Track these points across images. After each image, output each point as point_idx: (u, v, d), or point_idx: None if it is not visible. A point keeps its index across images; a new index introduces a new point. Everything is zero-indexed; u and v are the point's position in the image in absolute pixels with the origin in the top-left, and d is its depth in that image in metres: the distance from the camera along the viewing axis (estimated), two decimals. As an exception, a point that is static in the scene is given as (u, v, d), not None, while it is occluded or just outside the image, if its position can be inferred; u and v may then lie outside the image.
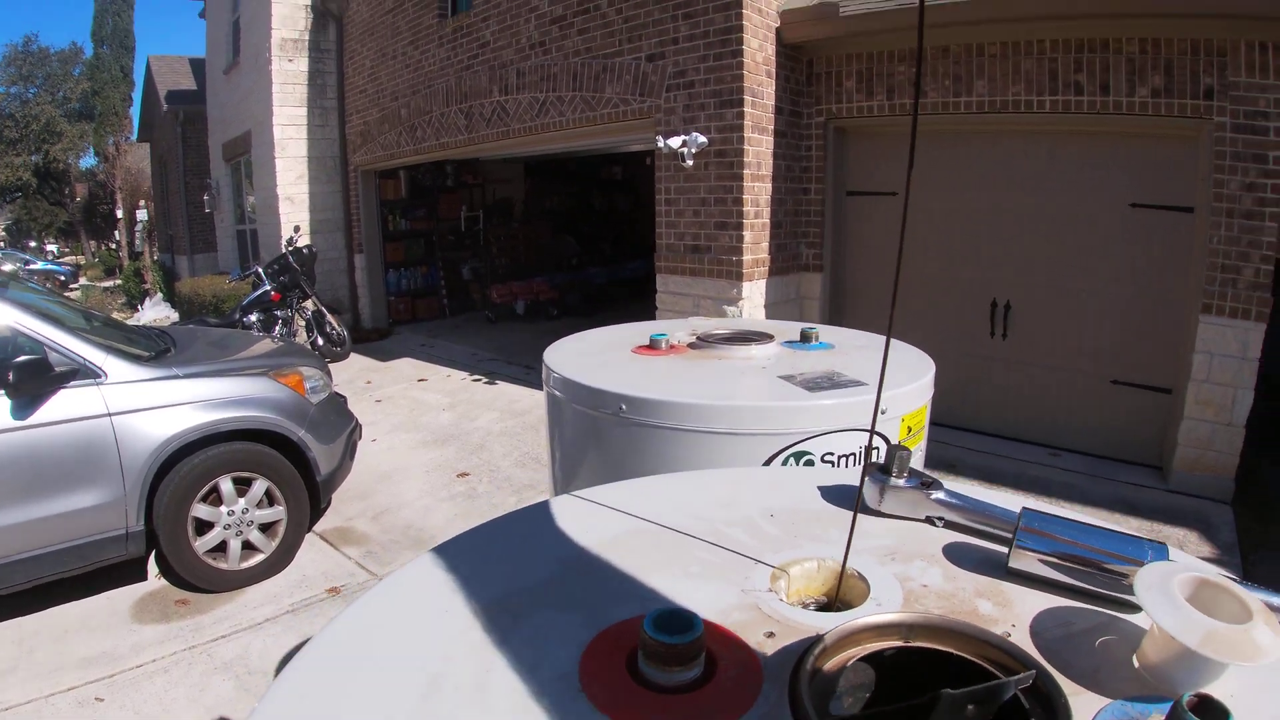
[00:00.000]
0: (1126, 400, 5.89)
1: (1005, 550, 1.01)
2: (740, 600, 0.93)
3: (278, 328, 8.89)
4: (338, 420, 4.66)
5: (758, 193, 6.27)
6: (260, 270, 9.10)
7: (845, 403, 1.68)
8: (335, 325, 9.25)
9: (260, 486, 4.12)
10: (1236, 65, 5.15)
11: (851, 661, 0.82)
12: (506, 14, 7.87)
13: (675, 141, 6.18)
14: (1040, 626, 0.89)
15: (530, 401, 7.20)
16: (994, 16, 5.69)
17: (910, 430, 1.84)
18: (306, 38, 11.06)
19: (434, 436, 6.29)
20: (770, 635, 0.86)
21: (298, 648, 3.37)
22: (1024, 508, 1.02)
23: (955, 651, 0.83)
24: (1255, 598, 0.79)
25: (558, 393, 2.06)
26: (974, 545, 1.09)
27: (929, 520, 1.14)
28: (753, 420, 1.69)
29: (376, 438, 6.21)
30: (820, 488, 1.27)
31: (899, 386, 1.84)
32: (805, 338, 2.39)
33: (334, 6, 11.00)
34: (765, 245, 6.44)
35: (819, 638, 0.80)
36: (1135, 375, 5.84)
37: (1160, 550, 0.92)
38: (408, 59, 9.60)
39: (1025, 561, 0.98)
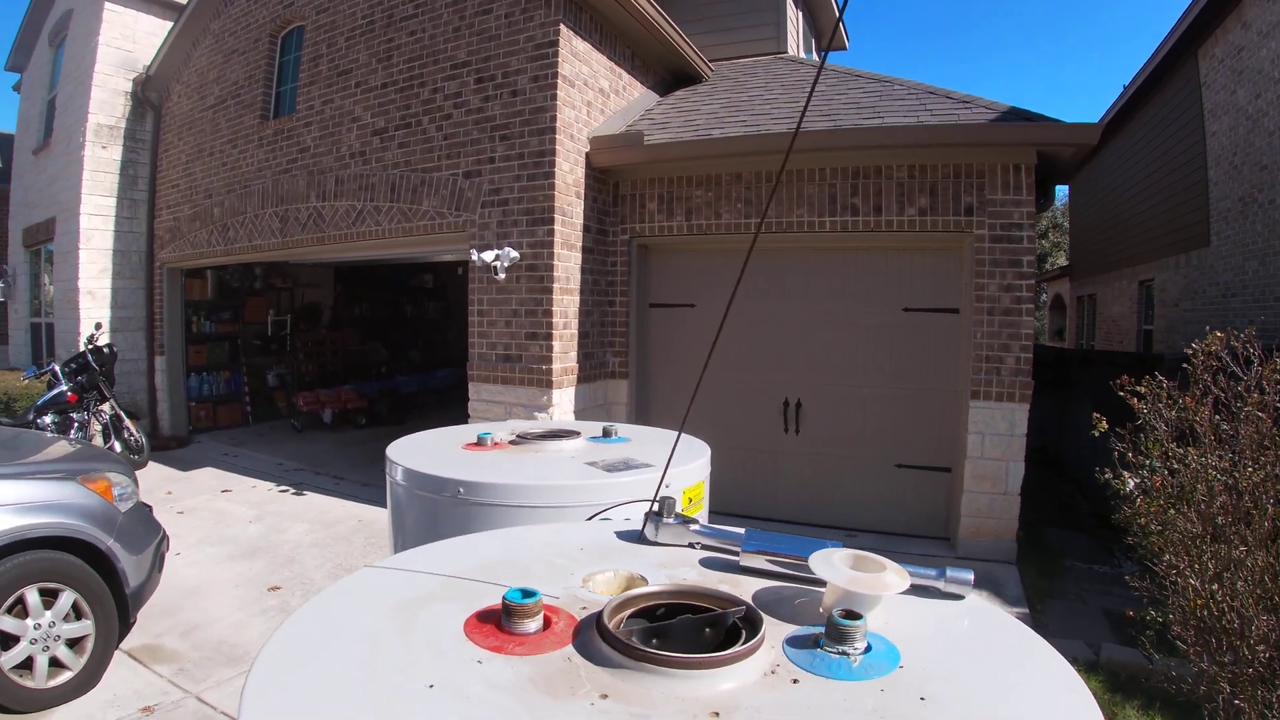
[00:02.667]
0: (912, 481, 6.86)
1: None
2: (564, 593, 1.45)
3: (73, 431, 8.59)
4: (146, 530, 4.64)
5: (566, 305, 6.95)
6: (57, 369, 8.81)
7: (637, 479, 2.21)
8: (134, 431, 9.04)
9: (68, 598, 4.07)
10: (993, 185, 6.34)
11: (631, 611, 1.35)
12: (329, 121, 8.37)
13: (489, 255, 6.85)
14: (760, 596, 1.45)
15: (341, 512, 7.41)
16: (779, 149, 6.73)
17: (690, 500, 2.40)
18: (123, 125, 11.08)
19: (242, 550, 6.35)
20: (584, 609, 1.38)
21: None
22: (747, 529, 1.64)
23: (699, 603, 1.37)
24: (892, 564, 1.40)
25: (402, 482, 2.56)
26: (721, 558, 1.67)
27: (690, 545, 1.73)
28: (565, 496, 2.25)
29: (181, 551, 6.18)
30: (616, 532, 1.85)
31: (678, 466, 2.41)
32: (606, 433, 3.09)
33: (154, 96, 11.13)
34: (574, 354, 7.09)
35: (612, 599, 1.33)
36: (918, 458, 6.84)
37: (837, 544, 1.49)
38: (225, 157, 9.85)
39: (751, 560, 1.57)
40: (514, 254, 6.79)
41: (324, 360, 12.90)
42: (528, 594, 1.27)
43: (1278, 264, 9.50)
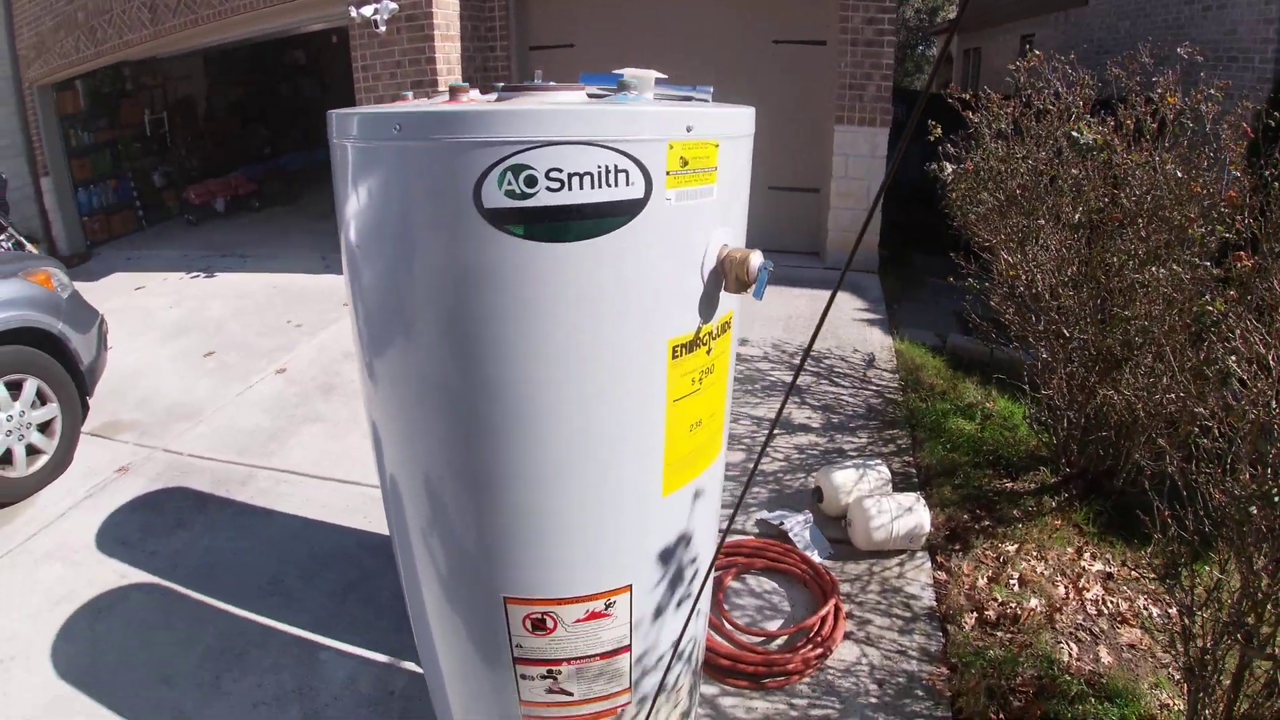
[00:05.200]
0: (785, 202, 7.58)
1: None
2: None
3: (-24, 262, 8.72)
4: (87, 313, 4.98)
5: (448, 52, 7.18)
6: (-51, 208, 8.75)
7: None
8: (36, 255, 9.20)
9: (31, 386, 4.40)
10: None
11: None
12: (192, -107, 8.00)
13: (367, 10, 6.83)
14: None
15: (255, 284, 7.88)
16: None
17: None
18: (-37, -52, 10.26)
19: (169, 332, 6.78)
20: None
21: (111, 517, 4.13)
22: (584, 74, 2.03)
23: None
24: (656, 72, 1.83)
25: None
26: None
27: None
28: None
29: (114, 345, 6.42)
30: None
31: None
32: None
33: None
34: (460, 102, 7.37)
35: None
36: (789, 181, 7.53)
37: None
38: (79, -45, 9.29)
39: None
40: (392, 5, 6.82)
41: (207, 152, 12.76)
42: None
43: (1147, 24, 10.10)
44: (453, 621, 1.77)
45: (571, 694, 1.77)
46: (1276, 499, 2.13)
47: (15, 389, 4.35)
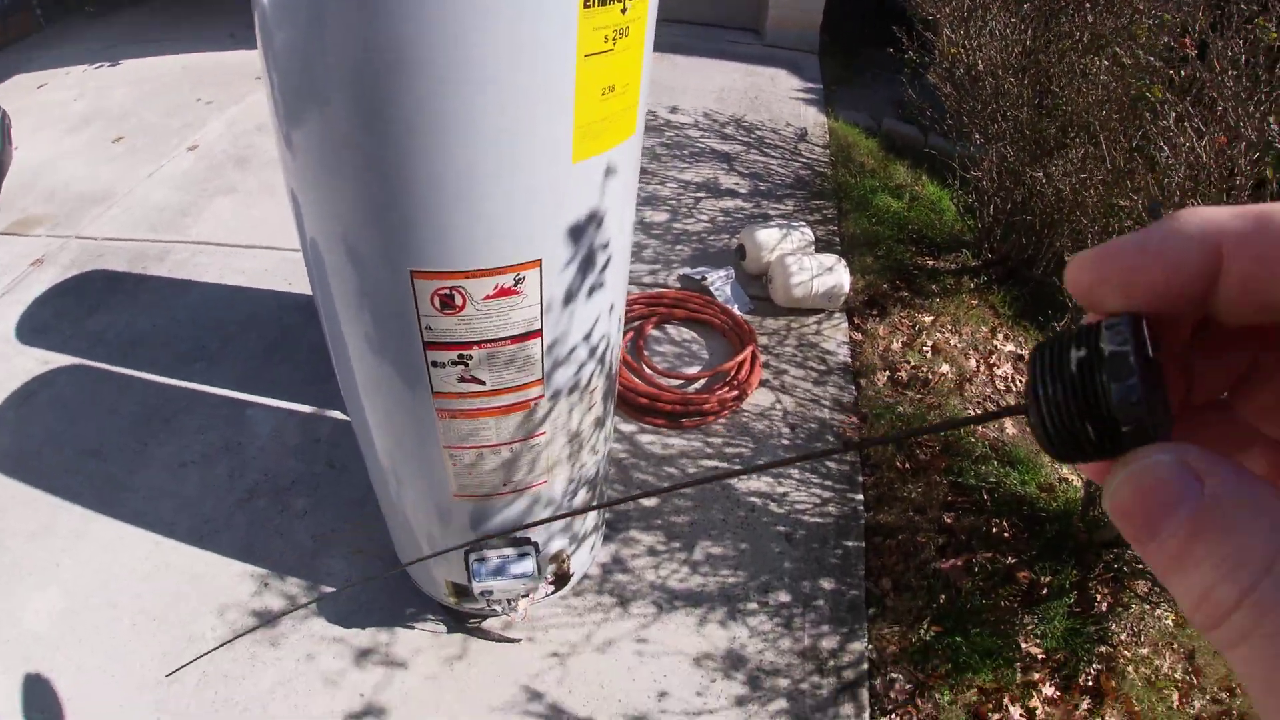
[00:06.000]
0: None
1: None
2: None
3: None
4: None
5: None
6: None
7: None
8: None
9: None
10: None
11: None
12: None
13: None
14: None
15: (164, 66, 7.59)
16: None
17: None
18: None
19: (75, 123, 6.50)
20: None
21: (29, 310, 4.04)
22: None
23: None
24: None
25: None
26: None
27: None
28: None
29: (19, 144, 6.09)
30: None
31: None
32: None
33: None
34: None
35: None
36: None
37: None
38: None
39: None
40: None
41: (105, -60, 11.87)
42: None
43: None
44: (363, 315, 1.76)
45: (483, 383, 1.80)
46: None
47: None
